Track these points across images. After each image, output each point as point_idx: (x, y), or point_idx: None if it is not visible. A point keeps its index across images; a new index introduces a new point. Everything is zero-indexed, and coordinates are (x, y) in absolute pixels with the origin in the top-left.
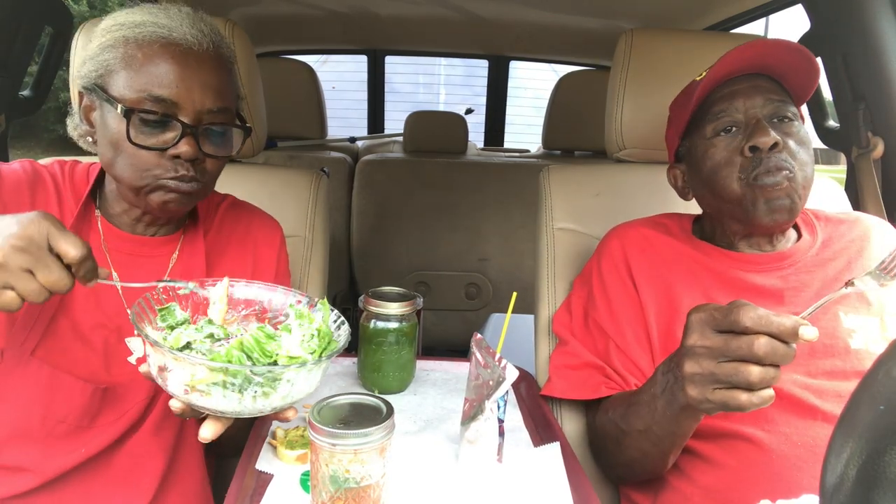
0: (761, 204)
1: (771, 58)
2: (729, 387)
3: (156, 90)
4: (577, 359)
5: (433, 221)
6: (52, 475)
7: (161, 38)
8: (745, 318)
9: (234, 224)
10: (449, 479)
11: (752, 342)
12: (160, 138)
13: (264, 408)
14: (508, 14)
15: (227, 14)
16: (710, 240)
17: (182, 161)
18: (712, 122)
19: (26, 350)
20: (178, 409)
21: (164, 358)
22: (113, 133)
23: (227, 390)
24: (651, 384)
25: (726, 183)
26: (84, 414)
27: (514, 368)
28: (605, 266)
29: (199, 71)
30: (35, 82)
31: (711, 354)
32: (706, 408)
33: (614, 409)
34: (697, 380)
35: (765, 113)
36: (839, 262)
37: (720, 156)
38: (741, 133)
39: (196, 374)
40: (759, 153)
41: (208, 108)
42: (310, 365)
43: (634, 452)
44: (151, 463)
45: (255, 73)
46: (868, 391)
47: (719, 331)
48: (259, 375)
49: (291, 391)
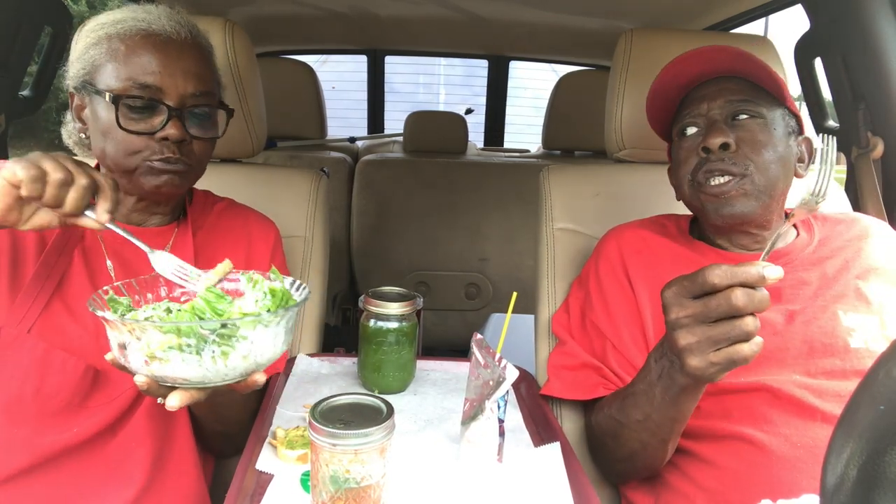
0: (709, 206)
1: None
2: (729, 344)
3: (141, 77)
4: (574, 359)
5: (433, 221)
6: (43, 455)
7: (141, 30)
8: (712, 277)
9: (230, 223)
10: (449, 479)
11: (728, 296)
12: (148, 122)
13: (228, 371)
14: (508, 14)
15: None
16: (705, 240)
17: (169, 143)
18: (679, 123)
19: (23, 328)
20: (143, 383)
21: (120, 335)
22: (103, 122)
23: (185, 353)
24: (645, 373)
25: (681, 183)
26: (76, 391)
27: (514, 368)
28: (602, 267)
29: (179, 58)
30: (35, 82)
31: (697, 320)
32: (711, 373)
33: (609, 404)
34: (695, 348)
35: (724, 114)
36: (837, 260)
37: (680, 156)
38: (702, 135)
39: (151, 343)
40: (710, 154)
41: (191, 92)
42: (266, 317)
43: (634, 444)
44: (143, 449)
45: (255, 73)
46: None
47: (694, 297)
48: (212, 332)
49: (252, 349)
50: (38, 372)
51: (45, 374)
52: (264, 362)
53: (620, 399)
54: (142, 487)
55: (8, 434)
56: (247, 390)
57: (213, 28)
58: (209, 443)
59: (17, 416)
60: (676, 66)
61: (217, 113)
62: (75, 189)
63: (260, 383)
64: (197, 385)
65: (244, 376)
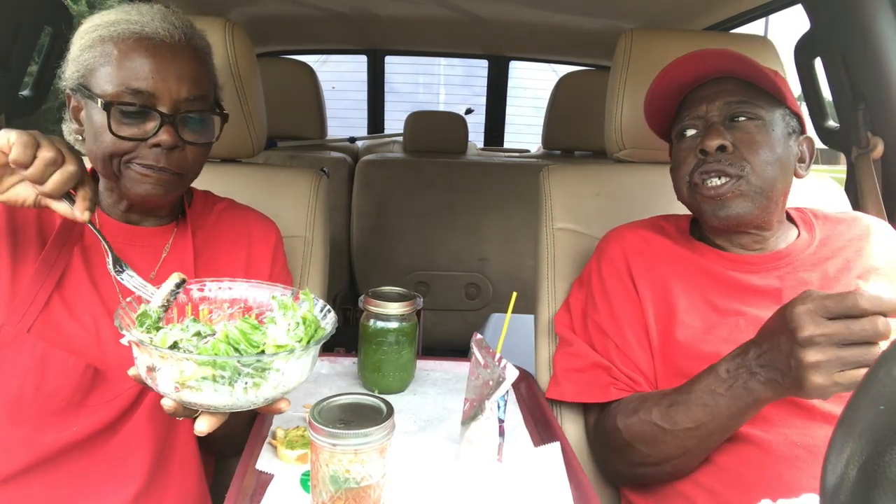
0: (706, 207)
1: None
2: (854, 367)
3: (133, 83)
4: (583, 360)
5: (433, 221)
6: (43, 454)
7: (134, 33)
8: (863, 301)
9: (230, 223)
10: (449, 479)
11: (875, 322)
12: (141, 128)
13: (257, 399)
14: (508, 14)
15: (227, 14)
16: (705, 240)
17: (159, 150)
18: (678, 124)
19: (23, 327)
20: (171, 407)
21: (151, 358)
22: (96, 127)
23: (218, 384)
24: (708, 382)
25: (679, 185)
26: (76, 390)
27: (514, 368)
28: (604, 268)
29: (173, 62)
30: (35, 82)
31: (832, 341)
32: (830, 392)
33: (646, 409)
34: (823, 367)
35: (722, 115)
36: (837, 260)
37: (680, 157)
38: (700, 136)
39: (185, 371)
40: (708, 156)
41: (185, 97)
42: (298, 352)
43: (673, 450)
44: (144, 448)
45: (255, 73)
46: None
47: (831, 318)
48: (248, 366)
49: (282, 380)
50: (37, 371)
51: (45, 373)
52: (290, 389)
53: (664, 406)
54: (142, 486)
55: (8, 433)
56: (269, 413)
57: (213, 28)
58: (211, 443)
59: (16, 415)
60: (676, 68)
61: (212, 116)
62: (62, 172)
63: (282, 411)
64: (223, 410)
65: (269, 402)
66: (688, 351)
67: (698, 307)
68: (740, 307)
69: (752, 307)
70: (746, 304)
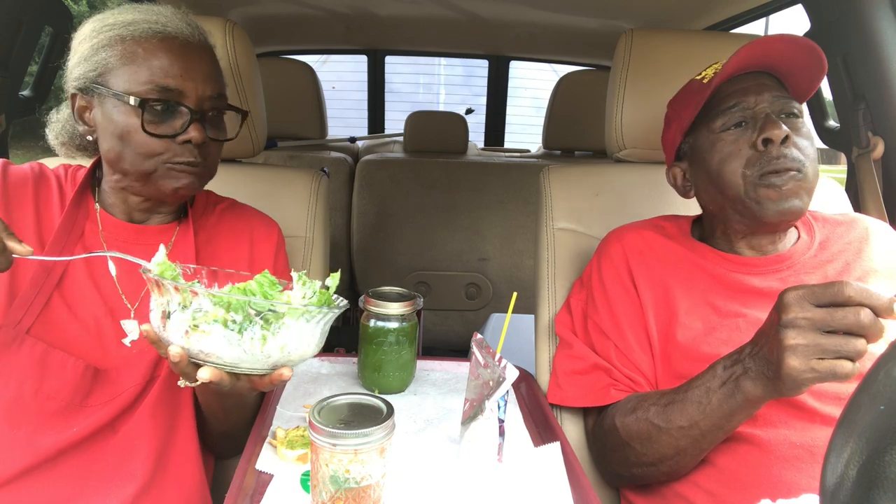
0: (770, 204)
1: (779, 54)
2: (834, 357)
3: (162, 81)
4: (583, 362)
5: (433, 221)
6: (44, 455)
7: (158, 32)
8: (848, 290)
9: (232, 223)
10: (449, 479)
11: (857, 311)
12: (170, 125)
13: (262, 358)
14: (508, 14)
15: (227, 14)
16: (708, 241)
17: (190, 146)
18: (722, 116)
19: (22, 328)
20: (177, 355)
21: (168, 300)
22: (120, 126)
23: (228, 330)
24: (704, 380)
25: (731, 178)
26: (76, 391)
27: (514, 368)
28: (605, 268)
29: (198, 61)
30: (35, 82)
31: (815, 326)
32: (804, 378)
33: (644, 408)
34: (801, 350)
35: (773, 109)
36: (837, 263)
37: (728, 149)
38: (751, 128)
39: (201, 309)
40: (771, 147)
41: (209, 95)
42: (312, 312)
43: (667, 450)
44: (145, 448)
45: (255, 73)
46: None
47: (818, 306)
48: (260, 312)
49: (289, 341)
50: (36, 372)
51: (44, 374)
52: (295, 358)
53: (661, 405)
54: (143, 486)
55: (8, 434)
56: (269, 386)
57: (213, 28)
58: (211, 443)
59: (16, 416)
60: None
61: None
62: None
63: (286, 378)
64: (228, 366)
65: (273, 368)
66: (688, 352)
67: (699, 308)
68: (741, 309)
69: (752, 309)
70: (747, 306)
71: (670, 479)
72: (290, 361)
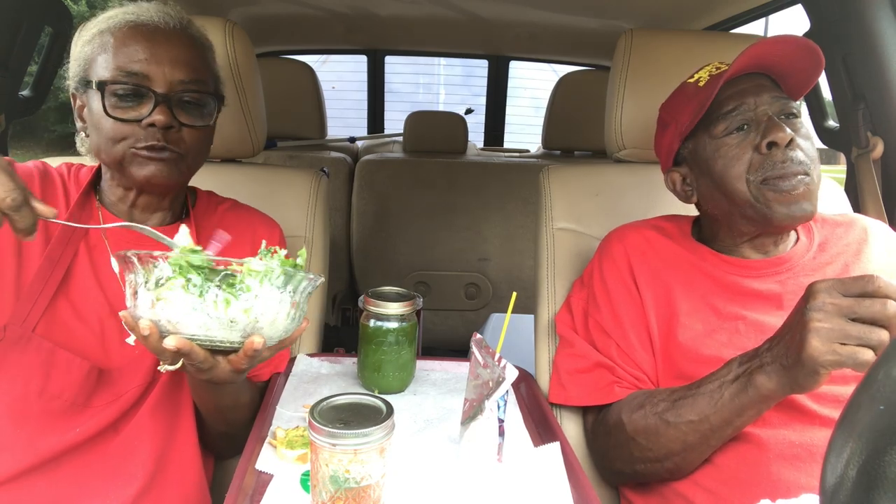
0: (780, 208)
1: (779, 55)
2: (857, 344)
3: (127, 66)
4: (586, 360)
5: (433, 221)
6: (46, 455)
7: (129, 21)
8: (878, 281)
9: (234, 224)
10: (449, 479)
11: (885, 302)
12: (136, 111)
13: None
14: (508, 14)
15: (227, 14)
16: (708, 243)
17: (156, 130)
18: (724, 120)
19: (28, 327)
20: (146, 327)
21: (134, 276)
22: (95, 115)
23: (189, 294)
24: (719, 374)
25: (736, 184)
26: (80, 391)
27: (513, 368)
28: (606, 268)
29: (168, 46)
30: (35, 82)
31: (841, 312)
32: (826, 360)
33: (652, 403)
34: (825, 333)
35: (774, 110)
36: (836, 265)
37: (732, 154)
38: (753, 131)
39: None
40: (776, 150)
41: (179, 79)
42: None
43: (674, 445)
44: (146, 448)
45: (255, 73)
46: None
47: (846, 296)
48: (217, 274)
49: (254, 306)
50: (42, 372)
51: (50, 374)
52: (265, 326)
53: (671, 400)
54: (143, 486)
55: (12, 434)
56: (245, 361)
57: (213, 28)
58: (211, 443)
59: (20, 416)
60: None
61: (210, 104)
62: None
63: (257, 347)
64: (198, 338)
65: (244, 337)
66: (688, 353)
67: (699, 310)
68: (741, 311)
69: (752, 311)
70: (747, 308)
71: (673, 477)
72: (260, 329)
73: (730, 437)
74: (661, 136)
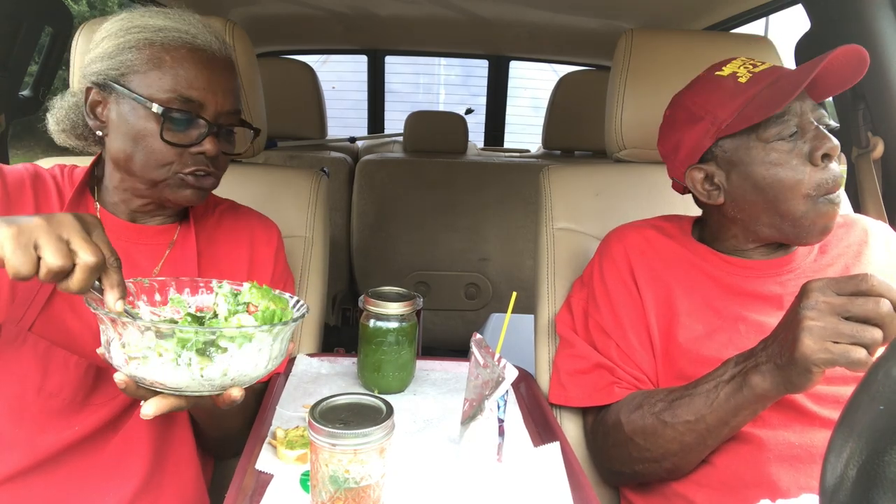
0: (820, 224)
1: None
2: (850, 342)
3: (185, 91)
4: (586, 361)
5: (433, 221)
6: (46, 454)
7: (187, 42)
8: (872, 280)
9: (232, 224)
10: (449, 479)
11: (878, 301)
12: (186, 135)
13: (205, 383)
14: (508, 14)
15: (227, 14)
16: (710, 243)
17: (203, 158)
18: (776, 124)
19: (24, 326)
20: (122, 381)
21: (105, 328)
22: (136, 129)
23: (163, 359)
24: (716, 374)
25: (791, 196)
26: (78, 389)
27: (513, 368)
28: (606, 268)
29: (221, 76)
30: (35, 82)
31: (834, 310)
32: (819, 358)
33: (650, 403)
34: (817, 331)
35: (815, 118)
36: (837, 266)
37: (785, 161)
38: (800, 139)
39: (130, 342)
40: (829, 162)
41: (227, 110)
42: (249, 336)
43: (672, 445)
44: (143, 446)
45: (255, 73)
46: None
47: (840, 295)
48: (189, 338)
49: (231, 367)
50: (39, 370)
51: (47, 372)
52: (245, 380)
53: (668, 400)
54: (141, 484)
55: (10, 433)
56: (225, 405)
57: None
58: (207, 446)
59: (18, 415)
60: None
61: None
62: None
63: (235, 399)
64: (174, 391)
65: (222, 389)
66: (689, 354)
67: (700, 310)
68: (741, 312)
69: (752, 313)
70: (747, 309)
71: (672, 477)
72: (238, 382)
73: (727, 437)
74: (687, 129)
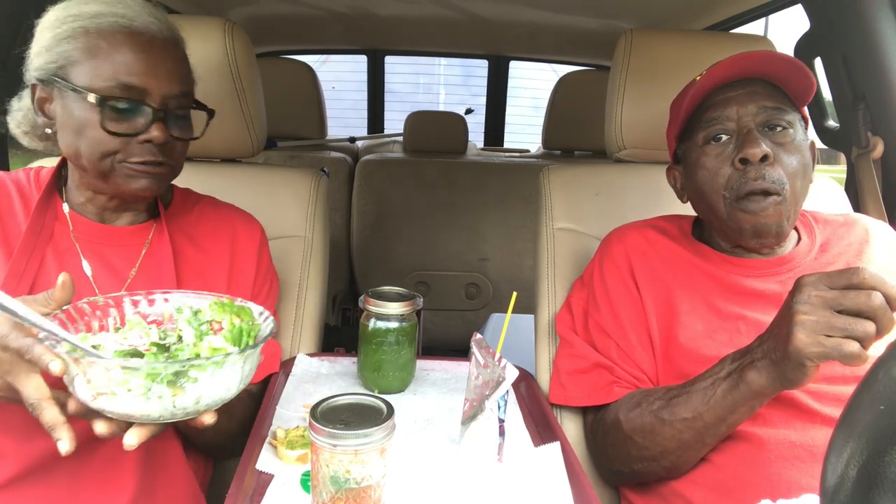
0: (747, 228)
1: (767, 66)
2: (842, 336)
3: (124, 78)
4: (585, 361)
5: (433, 221)
6: (34, 462)
7: (123, 27)
8: (864, 273)
9: (212, 222)
10: (449, 479)
11: (870, 294)
12: (131, 124)
13: (177, 412)
14: (508, 14)
15: (227, 14)
16: (709, 242)
17: (151, 146)
18: (704, 129)
19: None
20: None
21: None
22: (80, 121)
23: (131, 393)
24: (713, 371)
25: (714, 200)
26: None
27: (513, 368)
28: (606, 268)
29: (163, 58)
30: None
31: (826, 304)
32: (812, 352)
33: (648, 402)
34: (810, 325)
35: (757, 122)
36: (838, 265)
37: (710, 165)
38: (732, 142)
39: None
40: (749, 167)
41: (174, 94)
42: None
43: (670, 443)
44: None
45: (255, 73)
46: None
47: (833, 289)
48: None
49: (203, 393)
50: None
51: None
52: (217, 403)
53: (666, 398)
54: (134, 492)
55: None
56: (199, 428)
57: (213, 28)
58: (204, 449)
59: (8, 422)
60: (719, 70)
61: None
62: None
63: (207, 424)
64: (144, 420)
65: (197, 414)
66: (689, 353)
67: (700, 310)
68: (742, 311)
69: (753, 311)
70: (747, 308)
71: (671, 476)
72: (210, 406)
73: (724, 434)
74: (669, 132)
